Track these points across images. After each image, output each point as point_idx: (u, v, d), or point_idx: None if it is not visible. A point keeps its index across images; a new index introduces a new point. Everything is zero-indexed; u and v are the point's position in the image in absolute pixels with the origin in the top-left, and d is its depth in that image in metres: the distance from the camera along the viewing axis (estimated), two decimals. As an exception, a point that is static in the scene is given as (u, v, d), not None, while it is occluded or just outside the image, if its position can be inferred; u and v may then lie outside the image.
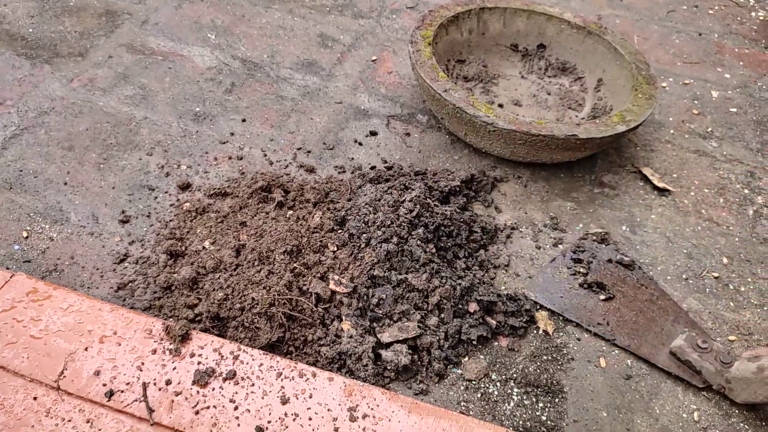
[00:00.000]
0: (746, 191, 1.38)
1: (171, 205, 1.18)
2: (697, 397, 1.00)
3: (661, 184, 1.35)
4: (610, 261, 1.17)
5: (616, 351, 1.05)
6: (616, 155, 1.44)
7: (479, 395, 0.97)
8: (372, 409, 0.84)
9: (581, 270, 1.15)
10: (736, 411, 0.99)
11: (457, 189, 1.24)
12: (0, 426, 0.78)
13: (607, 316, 1.09)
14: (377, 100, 1.51)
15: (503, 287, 1.12)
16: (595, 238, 1.22)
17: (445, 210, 1.15)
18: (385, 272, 1.04)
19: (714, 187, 1.38)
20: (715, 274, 1.20)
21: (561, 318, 1.08)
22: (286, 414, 0.82)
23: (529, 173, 1.36)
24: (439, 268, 1.07)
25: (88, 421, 0.79)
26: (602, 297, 1.12)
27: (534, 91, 1.54)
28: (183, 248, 1.09)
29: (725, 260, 1.23)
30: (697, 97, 1.64)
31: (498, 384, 0.99)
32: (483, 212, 1.26)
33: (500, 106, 1.48)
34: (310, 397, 0.84)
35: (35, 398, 0.81)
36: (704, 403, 1.00)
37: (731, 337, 1.09)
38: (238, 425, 0.80)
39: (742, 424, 0.97)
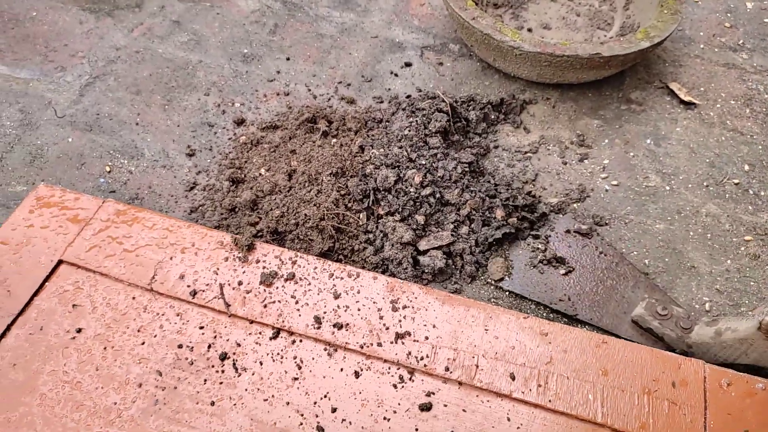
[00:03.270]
0: (774, 101, 1.41)
1: (229, 138, 1.32)
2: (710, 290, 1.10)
3: (687, 98, 1.40)
4: (568, 231, 1.16)
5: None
6: (644, 72, 1.48)
7: (507, 293, 1.10)
8: (411, 301, 0.98)
9: (540, 246, 1.13)
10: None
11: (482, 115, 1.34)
12: (109, 319, 0.96)
13: (568, 291, 1.08)
14: (411, 32, 1.59)
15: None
16: (552, 208, 1.20)
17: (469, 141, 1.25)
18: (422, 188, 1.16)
19: (741, 98, 1.42)
20: (736, 181, 1.26)
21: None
22: (338, 306, 0.97)
23: (557, 94, 1.43)
24: (469, 183, 1.18)
25: (177, 315, 0.96)
26: (562, 271, 1.10)
27: (563, 14, 1.58)
28: (242, 175, 1.24)
29: (747, 167, 1.29)
30: (731, 10, 1.64)
31: (524, 283, 1.11)
32: (512, 133, 1.35)
33: (529, 30, 1.54)
34: (358, 292, 0.99)
35: (134, 298, 0.99)
36: (716, 295, 1.09)
37: (747, 237, 1.17)
38: (299, 315, 0.96)
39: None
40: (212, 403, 0.87)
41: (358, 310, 0.97)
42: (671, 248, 1.16)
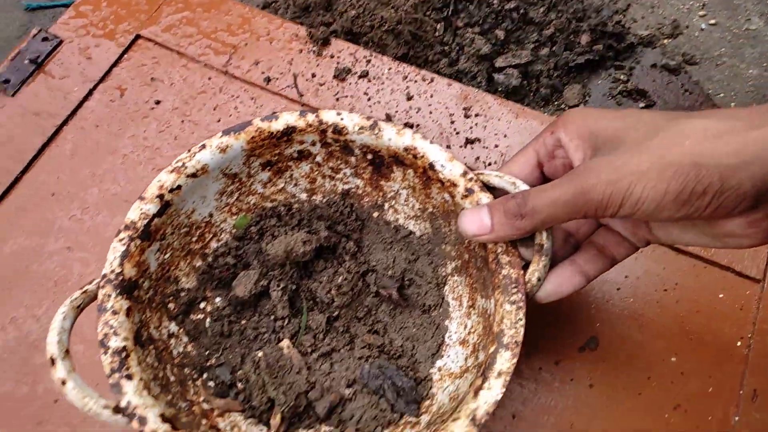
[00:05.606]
0: None
1: (305, -63, 1.26)
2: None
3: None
4: (654, 66, 1.07)
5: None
6: None
7: (580, 121, 1.07)
8: (484, 110, 0.97)
9: (622, 77, 1.05)
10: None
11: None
12: (186, 96, 0.98)
13: None
14: None
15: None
16: (641, 40, 1.09)
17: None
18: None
19: None
20: None
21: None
22: (410, 107, 0.97)
23: None
24: (556, 2, 1.11)
25: (252, 98, 0.98)
26: (641, 105, 1.02)
27: None
28: (318, -25, 1.19)
29: None
30: None
31: (599, 113, 1.08)
32: (608, -41, 1.24)
33: None
34: (431, 96, 0.98)
35: (210, 78, 1.00)
36: None
37: None
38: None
39: None
40: (283, 181, 0.90)
41: (430, 113, 0.96)
42: (761, 95, 1.09)
